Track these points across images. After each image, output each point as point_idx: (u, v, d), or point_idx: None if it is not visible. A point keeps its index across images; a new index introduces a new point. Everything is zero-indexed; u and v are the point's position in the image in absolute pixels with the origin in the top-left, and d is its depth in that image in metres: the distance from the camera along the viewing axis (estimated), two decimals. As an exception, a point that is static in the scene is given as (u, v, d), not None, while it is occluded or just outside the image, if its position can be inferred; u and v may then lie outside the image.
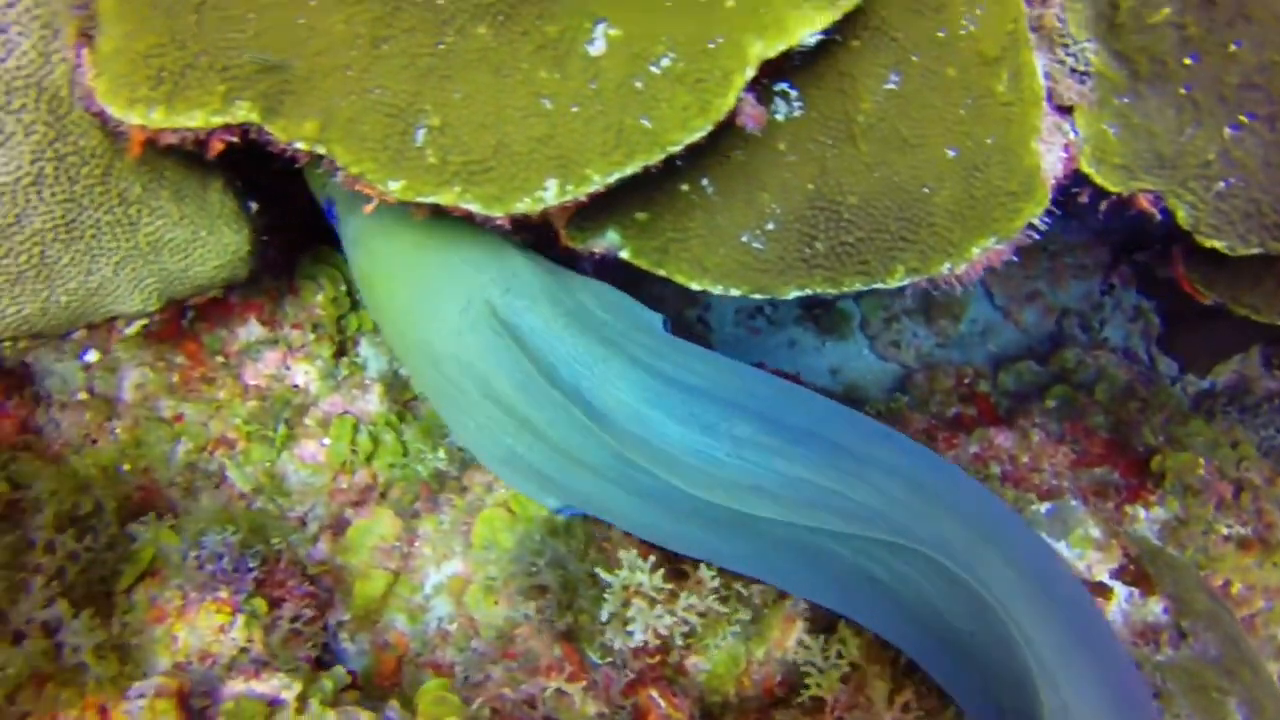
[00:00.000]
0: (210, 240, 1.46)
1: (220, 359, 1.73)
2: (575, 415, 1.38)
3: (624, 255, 1.53)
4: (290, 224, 1.75)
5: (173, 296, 1.48)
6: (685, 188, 1.52)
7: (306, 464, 1.72)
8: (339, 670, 1.37)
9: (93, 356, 1.60)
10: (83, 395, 1.70)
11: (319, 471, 1.72)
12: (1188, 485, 1.97)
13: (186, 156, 1.40)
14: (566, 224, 1.53)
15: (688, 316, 2.68)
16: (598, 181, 1.34)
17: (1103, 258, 2.72)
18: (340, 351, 1.82)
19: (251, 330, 1.73)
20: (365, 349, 1.84)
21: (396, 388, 1.82)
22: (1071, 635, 1.40)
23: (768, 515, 1.37)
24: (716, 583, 1.43)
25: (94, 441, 1.68)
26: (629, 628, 1.33)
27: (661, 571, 1.37)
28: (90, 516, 1.43)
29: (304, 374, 1.75)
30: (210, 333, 1.73)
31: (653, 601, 1.34)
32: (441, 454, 1.72)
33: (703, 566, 1.44)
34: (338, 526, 1.62)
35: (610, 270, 1.66)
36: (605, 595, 1.35)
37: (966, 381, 2.52)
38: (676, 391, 1.49)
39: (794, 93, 1.51)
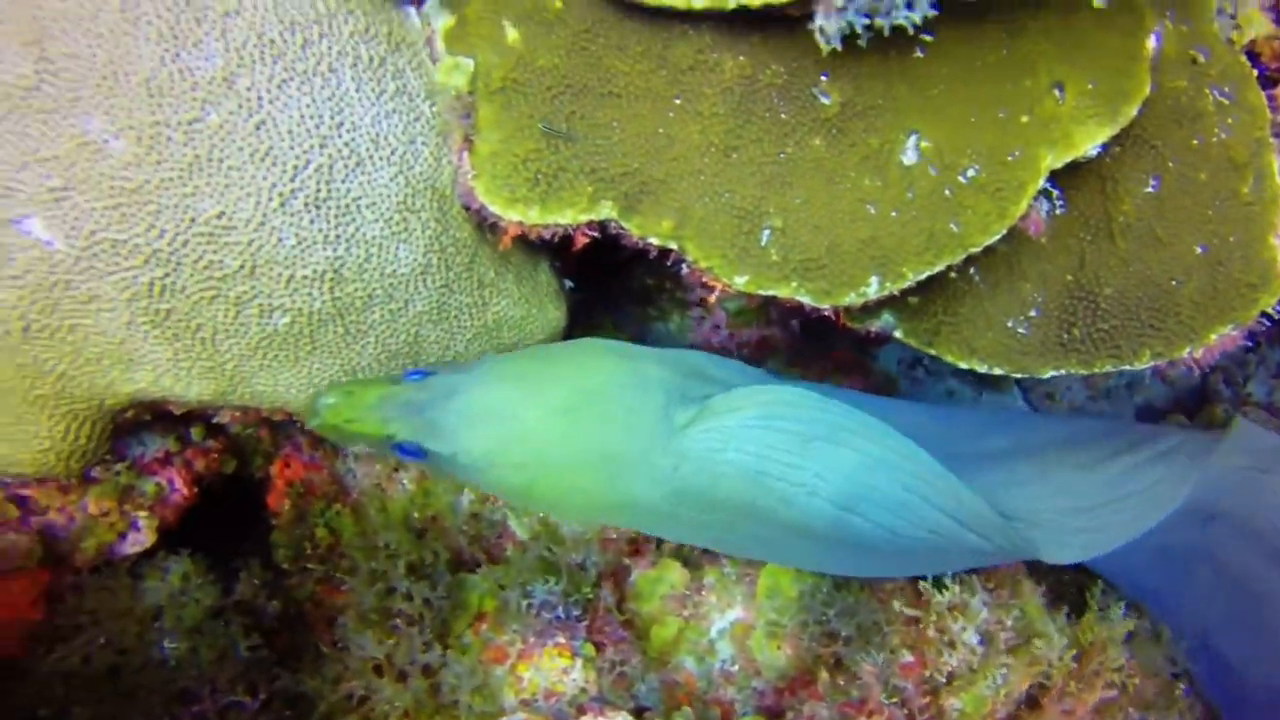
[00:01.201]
0: (538, 316, 1.61)
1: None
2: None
3: (897, 335, 1.69)
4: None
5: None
6: (954, 275, 1.67)
7: (576, 514, 1.86)
8: (686, 710, 1.52)
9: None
10: (370, 446, 1.85)
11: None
12: (1358, 546, 2.11)
13: (524, 241, 1.54)
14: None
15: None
16: (911, 279, 1.49)
17: (1241, 316, 2.86)
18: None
19: (526, 388, 1.88)
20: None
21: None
22: None
23: None
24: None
25: (385, 491, 1.82)
26: (965, 635, 1.52)
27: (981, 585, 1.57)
28: (429, 565, 1.58)
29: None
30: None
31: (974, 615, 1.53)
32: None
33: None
34: (618, 574, 1.77)
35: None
36: (933, 612, 1.54)
37: (1118, 434, 2.66)
38: None
39: (1056, 192, 1.65)
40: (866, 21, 1.32)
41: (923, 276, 1.49)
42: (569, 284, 1.68)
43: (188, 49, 1.26)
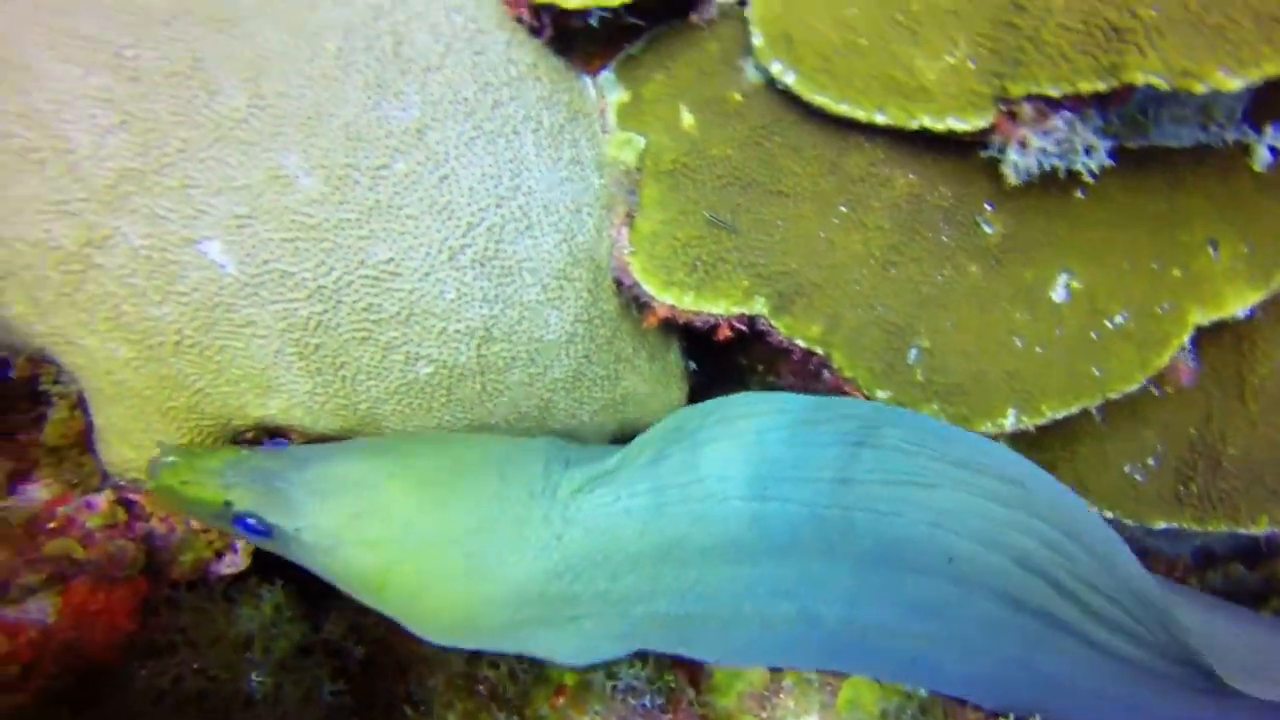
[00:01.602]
0: (662, 395, 1.61)
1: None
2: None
3: (1011, 463, 1.68)
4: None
5: (617, 440, 1.62)
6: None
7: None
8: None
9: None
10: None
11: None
12: None
13: (665, 322, 1.54)
14: (961, 426, 1.67)
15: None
16: (1048, 417, 1.49)
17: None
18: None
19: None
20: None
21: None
22: None
23: None
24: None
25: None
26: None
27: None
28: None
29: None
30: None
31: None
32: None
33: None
34: (692, 663, 1.74)
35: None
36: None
37: (1177, 575, 2.63)
38: None
39: (1189, 345, 1.65)
40: (1054, 164, 1.33)
41: (1059, 416, 1.49)
42: (692, 365, 1.68)
43: (389, 99, 1.28)
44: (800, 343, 1.46)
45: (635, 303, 1.49)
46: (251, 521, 1.28)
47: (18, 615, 1.27)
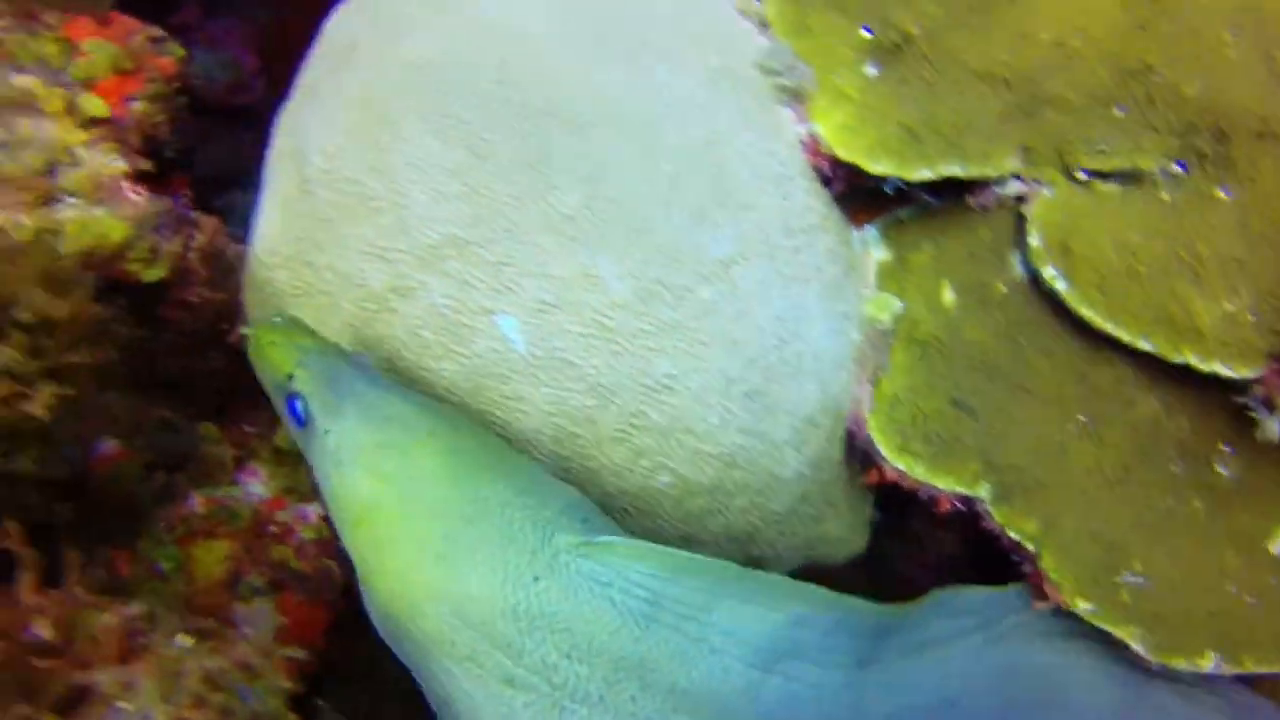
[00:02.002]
0: (851, 542, 1.65)
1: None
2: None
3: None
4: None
5: (797, 571, 1.66)
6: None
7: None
8: None
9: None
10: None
11: None
12: None
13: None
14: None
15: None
16: (1249, 669, 1.49)
17: None
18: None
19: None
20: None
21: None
22: None
23: None
24: None
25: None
26: None
27: None
28: None
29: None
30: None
31: None
32: None
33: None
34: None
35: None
36: None
37: None
38: None
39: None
40: (1318, 435, 1.37)
41: (1262, 671, 1.49)
42: (877, 513, 1.72)
43: (706, 227, 1.36)
44: (1013, 534, 1.48)
45: (861, 457, 1.54)
46: (299, 405, 1.35)
47: (245, 614, 1.34)
